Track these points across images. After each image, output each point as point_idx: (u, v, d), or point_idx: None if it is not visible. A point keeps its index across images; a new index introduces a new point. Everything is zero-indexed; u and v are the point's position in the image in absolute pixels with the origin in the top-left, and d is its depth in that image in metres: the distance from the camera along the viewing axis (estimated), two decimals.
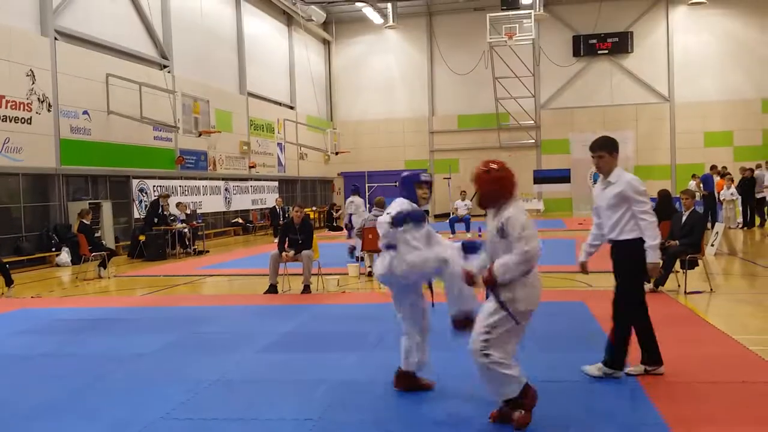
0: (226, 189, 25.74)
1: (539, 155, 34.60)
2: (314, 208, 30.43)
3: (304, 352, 6.87)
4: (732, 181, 21.00)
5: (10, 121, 15.69)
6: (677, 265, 9.72)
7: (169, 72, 21.99)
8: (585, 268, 5.82)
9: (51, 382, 5.99)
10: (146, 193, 20.34)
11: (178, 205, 19.43)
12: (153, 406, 5.18)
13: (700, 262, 9.90)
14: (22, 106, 16.03)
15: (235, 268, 14.63)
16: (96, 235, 15.73)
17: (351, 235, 17.13)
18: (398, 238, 5.03)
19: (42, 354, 7.08)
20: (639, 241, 5.36)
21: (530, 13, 30.49)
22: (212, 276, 13.67)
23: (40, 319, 9.13)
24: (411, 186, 5.31)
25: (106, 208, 18.32)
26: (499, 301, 4.34)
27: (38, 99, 16.52)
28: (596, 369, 5.49)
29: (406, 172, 5.49)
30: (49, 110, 16.86)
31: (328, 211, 28.72)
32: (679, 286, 9.70)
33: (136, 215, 20.01)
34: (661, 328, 5.58)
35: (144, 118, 19.46)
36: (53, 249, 16.61)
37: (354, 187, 15.86)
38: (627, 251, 5.42)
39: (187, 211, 19.36)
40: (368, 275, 12.31)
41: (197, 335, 7.81)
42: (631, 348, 5.49)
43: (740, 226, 20.72)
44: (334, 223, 27.13)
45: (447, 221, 21.31)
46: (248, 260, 16.19)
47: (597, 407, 4.88)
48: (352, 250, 14.33)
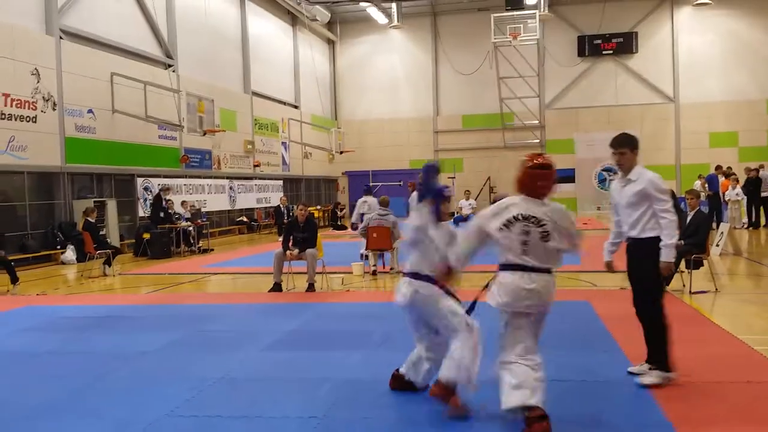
0: (230, 188, 25.78)
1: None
2: (318, 207, 30.47)
3: (309, 350, 6.87)
4: (737, 181, 20.94)
5: (16, 119, 15.74)
6: (682, 264, 9.70)
7: (173, 71, 22.02)
8: (611, 267, 5.73)
9: (55, 379, 6.00)
10: (151, 191, 20.37)
11: (182, 203, 19.50)
12: (157, 403, 5.19)
13: (705, 262, 9.87)
14: (27, 104, 16.07)
15: (240, 267, 14.67)
16: (101, 233, 15.77)
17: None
18: (430, 235, 4.85)
19: (47, 351, 7.09)
20: (660, 240, 5.24)
21: (535, 13, 30.49)
22: (217, 274, 13.70)
23: (45, 317, 9.15)
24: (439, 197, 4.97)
25: (111, 206, 18.37)
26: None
27: (43, 98, 16.57)
28: (655, 377, 5.20)
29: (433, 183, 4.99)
30: (54, 109, 16.92)
31: (332, 210, 28.75)
32: (684, 285, 9.69)
33: (140, 213, 20.05)
34: None
35: (149, 117, 19.52)
36: (58, 247, 16.68)
37: (366, 187, 15.95)
38: (648, 250, 5.25)
39: (192, 210, 19.40)
40: (372, 274, 12.32)
41: (202, 333, 7.82)
42: (633, 347, 5.46)
43: (745, 226, 20.69)
44: (338, 222, 27.17)
45: (452, 220, 21.26)
46: (253, 259, 16.21)
47: (601, 407, 4.87)
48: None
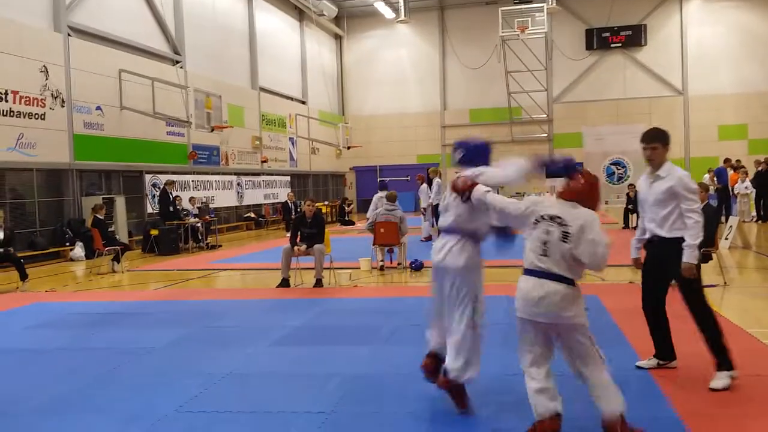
0: (238, 184, 25.83)
1: (552, 149, 34.38)
2: (326, 203, 30.48)
3: (317, 345, 6.88)
4: (746, 174, 20.82)
5: (24, 116, 15.80)
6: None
7: (181, 67, 22.06)
8: (639, 264, 5.64)
9: (64, 375, 6.04)
10: (159, 188, 20.43)
11: (191, 199, 19.55)
12: (166, 399, 5.21)
13: (714, 255, 9.82)
14: (35, 101, 16.13)
15: (248, 263, 14.69)
16: (110, 229, 15.82)
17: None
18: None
19: (56, 348, 7.13)
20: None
21: (542, 6, 30.37)
22: (225, 270, 13.73)
23: (54, 313, 9.20)
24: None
25: (120, 202, 18.42)
26: None
27: (52, 95, 16.63)
28: (724, 378, 5.01)
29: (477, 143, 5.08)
30: (62, 106, 16.97)
31: (340, 205, 28.76)
32: None
33: (149, 210, 20.11)
34: (674, 322, 5.54)
35: (157, 114, 19.58)
36: (67, 243, 16.74)
37: (382, 183, 16.01)
38: (678, 249, 5.09)
39: (199, 205, 19.43)
40: (380, 269, 12.32)
41: (210, 329, 7.84)
42: (641, 341, 5.43)
43: (754, 219, 20.57)
44: (345, 218, 27.17)
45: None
46: (261, 254, 16.24)
47: None
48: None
